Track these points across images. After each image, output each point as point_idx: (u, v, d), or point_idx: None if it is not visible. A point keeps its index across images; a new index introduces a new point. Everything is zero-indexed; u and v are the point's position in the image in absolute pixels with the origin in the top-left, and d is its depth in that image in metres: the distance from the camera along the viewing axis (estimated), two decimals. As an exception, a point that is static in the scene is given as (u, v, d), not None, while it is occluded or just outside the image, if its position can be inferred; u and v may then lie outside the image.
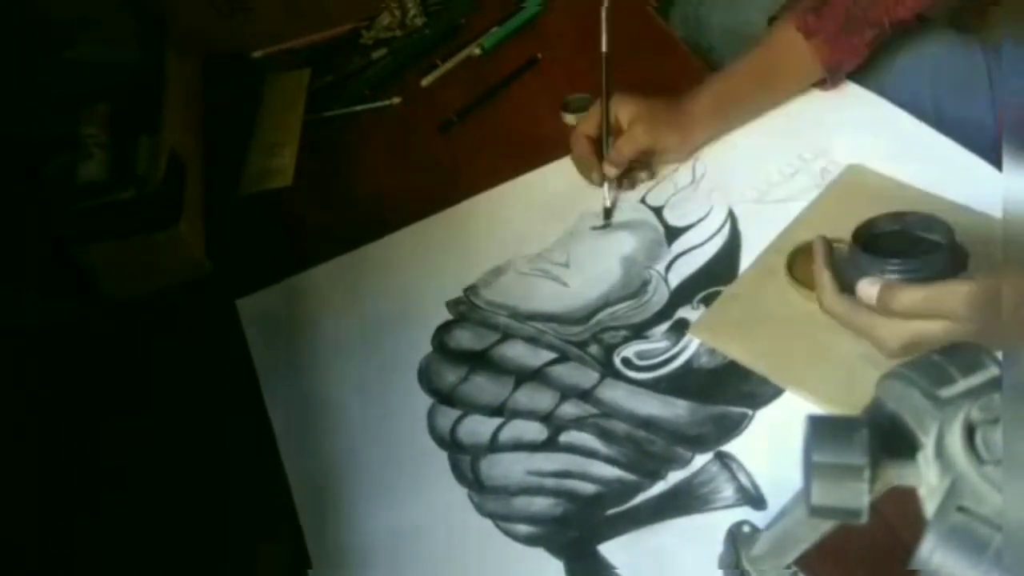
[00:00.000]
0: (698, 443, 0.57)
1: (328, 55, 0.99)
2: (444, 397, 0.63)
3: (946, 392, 0.32)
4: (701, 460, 0.56)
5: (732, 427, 0.58)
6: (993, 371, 0.32)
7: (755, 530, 0.49)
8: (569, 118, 0.85)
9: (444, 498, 0.57)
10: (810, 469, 0.32)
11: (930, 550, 0.29)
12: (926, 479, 0.31)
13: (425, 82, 0.92)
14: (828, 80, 0.76)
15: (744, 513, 0.53)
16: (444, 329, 0.68)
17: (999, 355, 0.32)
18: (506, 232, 0.74)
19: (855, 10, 0.71)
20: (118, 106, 0.81)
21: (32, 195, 0.76)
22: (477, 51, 0.94)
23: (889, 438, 0.32)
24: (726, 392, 0.60)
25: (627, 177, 0.75)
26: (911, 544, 0.29)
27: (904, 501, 0.32)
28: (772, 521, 0.42)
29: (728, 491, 0.54)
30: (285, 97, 0.94)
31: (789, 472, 0.54)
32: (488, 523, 0.56)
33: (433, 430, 0.61)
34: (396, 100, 0.91)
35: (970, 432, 0.30)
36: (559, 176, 0.78)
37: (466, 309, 0.69)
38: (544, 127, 0.84)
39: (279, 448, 0.62)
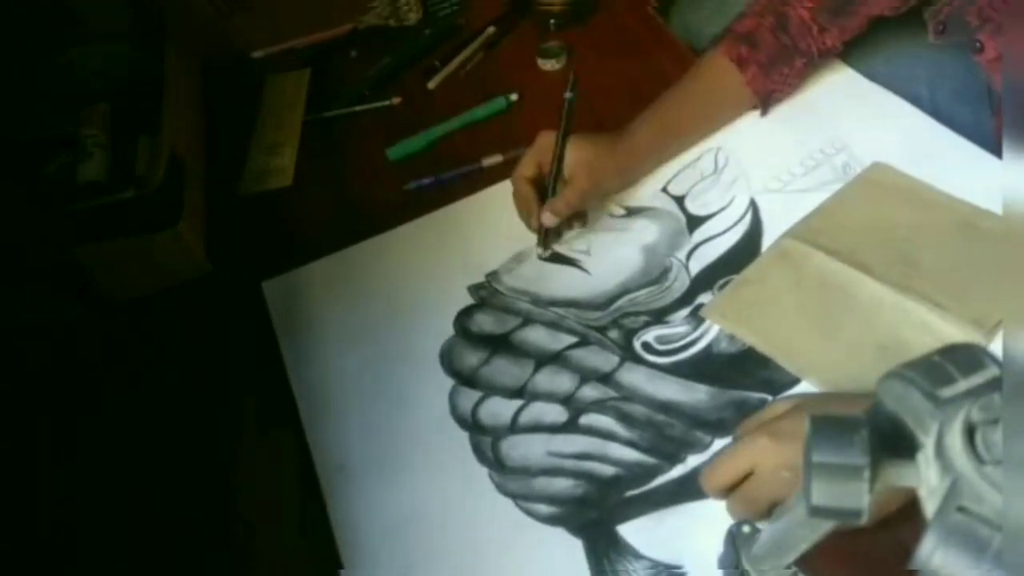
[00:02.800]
0: (718, 427, 0.58)
1: (328, 55, 0.99)
2: (465, 379, 0.64)
3: (946, 392, 0.32)
4: (720, 444, 0.57)
5: (751, 412, 0.57)
6: (993, 371, 0.32)
7: (755, 530, 0.49)
8: (545, 64, 0.87)
9: (466, 478, 0.58)
10: (810, 469, 0.32)
11: (930, 550, 0.29)
12: (926, 479, 0.31)
13: (432, 84, 0.92)
14: (761, 108, 0.76)
15: None
16: (466, 313, 0.68)
17: (999, 355, 0.32)
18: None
19: (784, 39, 0.72)
20: (118, 106, 0.81)
21: (32, 195, 0.76)
22: (480, 54, 0.94)
23: (889, 438, 0.33)
24: (746, 378, 0.60)
25: (563, 224, 0.71)
26: (911, 544, 0.29)
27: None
28: (772, 521, 0.42)
29: None
30: (285, 97, 0.94)
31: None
32: (509, 502, 0.57)
33: (455, 411, 0.62)
34: (396, 100, 0.91)
35: (970, 432, 0.30)
36: None
37: (487, 294, 0.70)
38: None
39: (304, 429, 0.63)
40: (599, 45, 0.93)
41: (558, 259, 0.71)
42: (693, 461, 0.56)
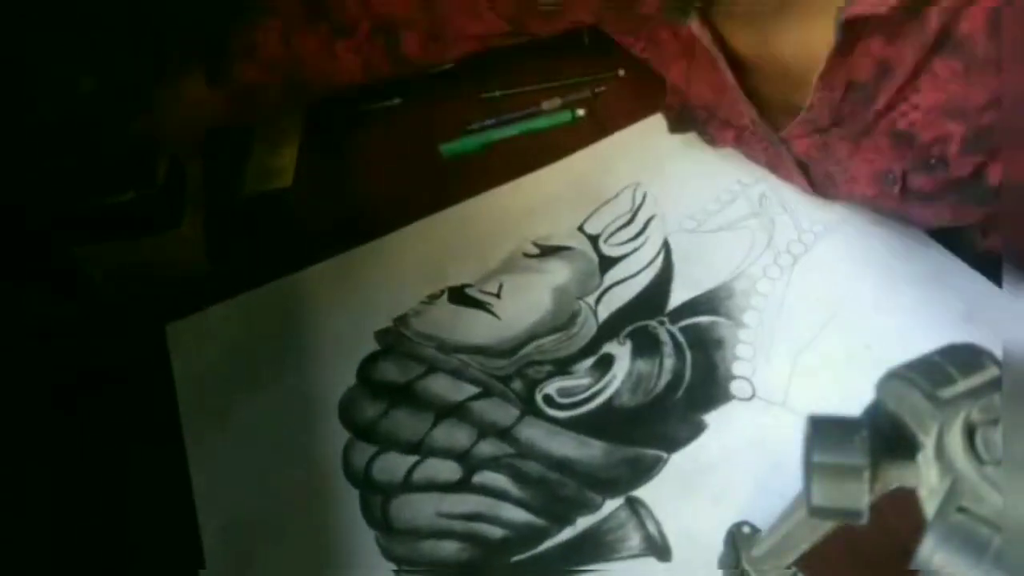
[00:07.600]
0: (609, 487, 0.56)
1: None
2: (362, 432, 0.61)
3: (946, 392, 0.32)
4: (611, 505, 0.55)
5: (645, 471, 0.56)
6: (993, 371, 0.32)
7: (755, 530, 0.49)
8: None
9: (352, 541, 0.55)
10: (810, 469, 0.32)
11: (930, 551, 0.29)
12: (926, 480, 0.31)
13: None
14: None
15: (648, 564, 0.52)
16: (370, 360, 0.65)
17: (999, 355, 0.32)
18: (441, 260, 0.71)
19: None
20: (118, 106, 0.81)
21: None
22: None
23: (889, 439, 0.33)
24: (642, 433, 0.58)
25: None
26: (911, 545, 0.29)
27: (904, 502, 0.32)
28: (773, 522, 0.42)
29: (635, 539, 0.53)
30: (285, 97, 0.94)
31: (697, 520, 0.53)
32: (391, 568, 0.54)
33: (347, 467, 0.59)
34: (396, 100, 0.91)
35: (970, 432, 0.30)
36: (497, 203, 0.76)
37: (394, 339, 0.66)
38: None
39: (192, 483, 0.60)
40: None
41: (468, 302, 0.68)
42: (583, 523, 0.55)
